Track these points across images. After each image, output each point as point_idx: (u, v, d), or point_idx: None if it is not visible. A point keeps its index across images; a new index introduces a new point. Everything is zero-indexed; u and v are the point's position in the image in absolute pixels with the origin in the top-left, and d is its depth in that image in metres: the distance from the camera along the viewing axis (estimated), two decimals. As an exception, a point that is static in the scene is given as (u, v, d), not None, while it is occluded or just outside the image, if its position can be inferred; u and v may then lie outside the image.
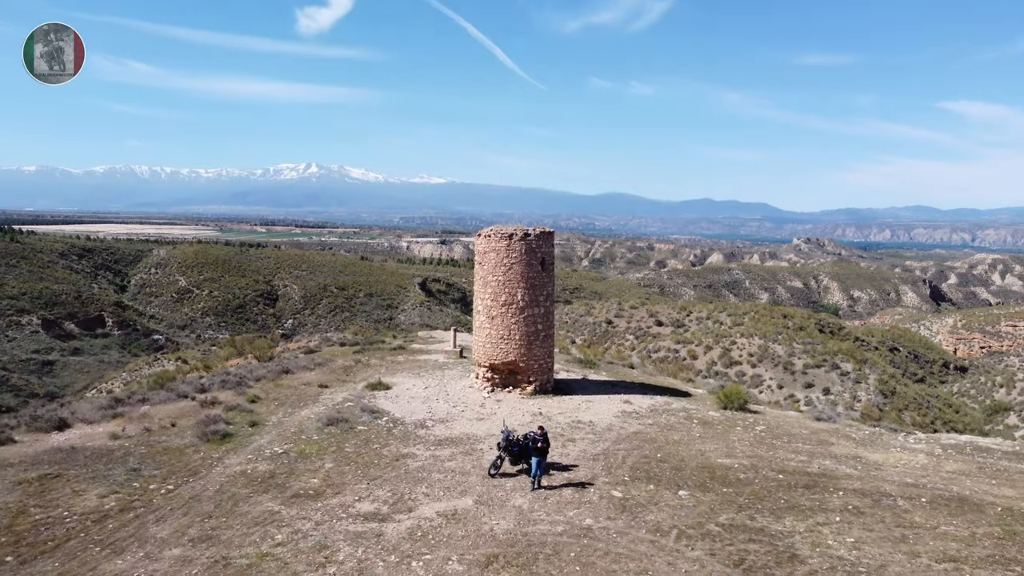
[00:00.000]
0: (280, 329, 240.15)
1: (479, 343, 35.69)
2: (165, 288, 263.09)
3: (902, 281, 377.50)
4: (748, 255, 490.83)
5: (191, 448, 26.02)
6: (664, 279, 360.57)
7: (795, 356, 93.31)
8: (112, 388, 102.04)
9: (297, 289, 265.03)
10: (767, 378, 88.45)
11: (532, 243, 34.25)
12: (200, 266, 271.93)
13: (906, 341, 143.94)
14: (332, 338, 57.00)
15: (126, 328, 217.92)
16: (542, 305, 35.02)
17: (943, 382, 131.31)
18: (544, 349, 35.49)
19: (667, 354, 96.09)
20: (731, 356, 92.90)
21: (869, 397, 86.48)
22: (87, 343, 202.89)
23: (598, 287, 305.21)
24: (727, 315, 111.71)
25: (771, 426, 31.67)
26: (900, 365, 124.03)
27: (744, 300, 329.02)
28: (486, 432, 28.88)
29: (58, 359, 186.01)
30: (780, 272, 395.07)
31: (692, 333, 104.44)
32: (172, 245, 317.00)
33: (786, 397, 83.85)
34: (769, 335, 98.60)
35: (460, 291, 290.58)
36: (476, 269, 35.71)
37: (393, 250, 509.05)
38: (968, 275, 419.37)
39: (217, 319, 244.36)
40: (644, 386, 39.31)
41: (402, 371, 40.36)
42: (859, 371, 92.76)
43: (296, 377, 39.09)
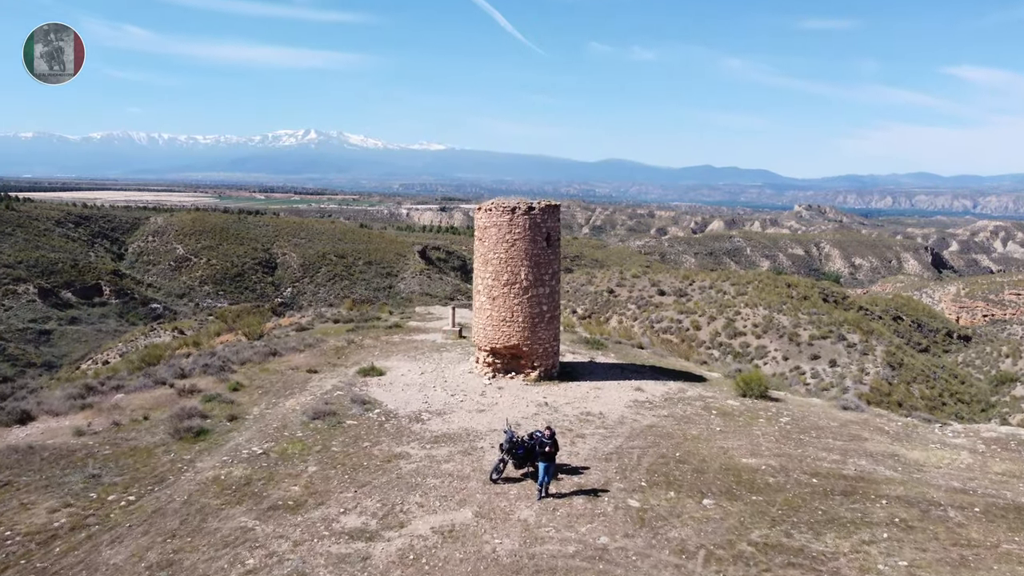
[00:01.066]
0: (279, 297, 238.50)
1: (479, 325, 33.16)
2: (163, 256, 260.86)
3: (904, 248, 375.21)
4: (749, 222, 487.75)
5: (161, 448, 23.54)
6: (665, 246, 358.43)
7: (800, 327, 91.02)
8: (108, 359, 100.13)
9: (296, 257, 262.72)
10: (772, 349, 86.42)
11: (536, 217, 31.63)
12: (198, 234, 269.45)
13: (909, 310, 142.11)
14: (326, 314, 54.48)
15: (124, 297, 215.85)
16: (547, 284, 32.45)
17: (946, 351, 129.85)
18: (549, 332, 32.95)
19: (670, 324, 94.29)
20: (735, 327, 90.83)
21: (877, 370, 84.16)
22: (84, 312, 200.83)
23: (599, 255, 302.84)
24: (730, 284, 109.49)
25: (796, 417, 29.20)
26: (904, 335, 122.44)
27: (745, 267, 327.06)
28: (487, 426, 26.40)
29: (55, 328, 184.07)
30: (781, 239, 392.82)
31: (695, 303, 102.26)
32: (170, 213, 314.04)
33: (791, 369, 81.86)
34: (774, 305, 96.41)
35: (460, 259, 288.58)
36: (476, 246, 33.12)
37: (393, 217, 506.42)
38: (970, 242, 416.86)
39: (215, 287, 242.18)
40: (656, 370, 36.81)
41: (397, 353, 37.83)
42: (866, 343, 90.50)
43: (284, 360, 36.60)
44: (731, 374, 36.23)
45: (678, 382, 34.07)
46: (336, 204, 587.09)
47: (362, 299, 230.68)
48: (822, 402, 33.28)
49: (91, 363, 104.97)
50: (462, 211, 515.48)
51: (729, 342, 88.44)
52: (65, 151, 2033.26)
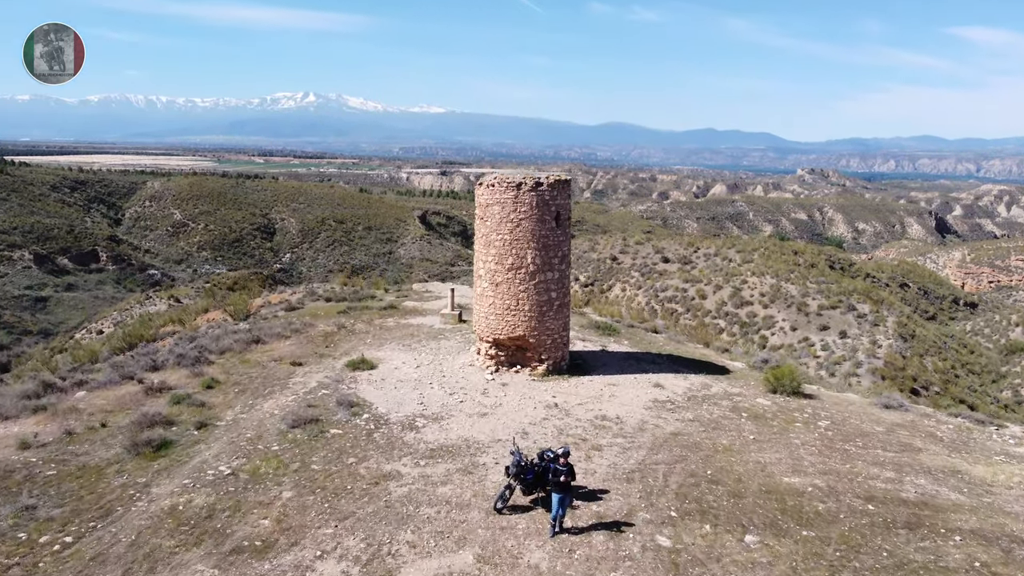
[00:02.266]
0: (278, 264, 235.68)
1: (481, 314, 29.91)
2: (160, 222, 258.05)
3: (907, 213, 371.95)
4: (751, 186, 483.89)
5: (114, 467, 20.38)
6: (667, 211, 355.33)
7: (809, 296, 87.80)
8: (102, 328, 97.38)
9: (295, 223, 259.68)
10: (779, 319, 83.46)
11: (544, 194, 28.29)
12: (195, 199, 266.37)
13: (916, 277, 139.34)
14: (317, 291, 51.17)
15: (121, 263, 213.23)
16: (556, 269, 29.18)
17: (952, 318, 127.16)
18: (559, 321, 29.71)
19: (675, 293, 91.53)
20: (742, 296, 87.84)
21: (890, 342, 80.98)
22: (81, 279, 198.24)
23: (600, 220, 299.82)
24: (736, 251, 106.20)
25: (836, 420, 26.05)
26: (911, 302, 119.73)
27: (748, 232, 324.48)
28: (490, 435, 23.24)
29: (52, 295, 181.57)
30: (784, 204, 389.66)
31: (700, 271, 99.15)
32: (167, 177, 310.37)
33: (800, 340, 79.08)
34: (781, 274, 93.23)
35: (460, 224, 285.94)
36: (477, 225, 29.80)
37: (393, 181, 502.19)
38: (974, 207, 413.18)
39: (214, 253, 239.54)
40: (674, 360, 33.60)
41: (391, 341, 34.56)
42: (877, 313, 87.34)
43: (267, 349, 33.40)
44: (757, 365, 33.07)
45: (700, 375, 30.88)
46: (335, 168, 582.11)
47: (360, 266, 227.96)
48: (859, 398, 30.09)
49: (85, 332, 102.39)
50: (462, 175, 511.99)
51: (736, 312, 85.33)
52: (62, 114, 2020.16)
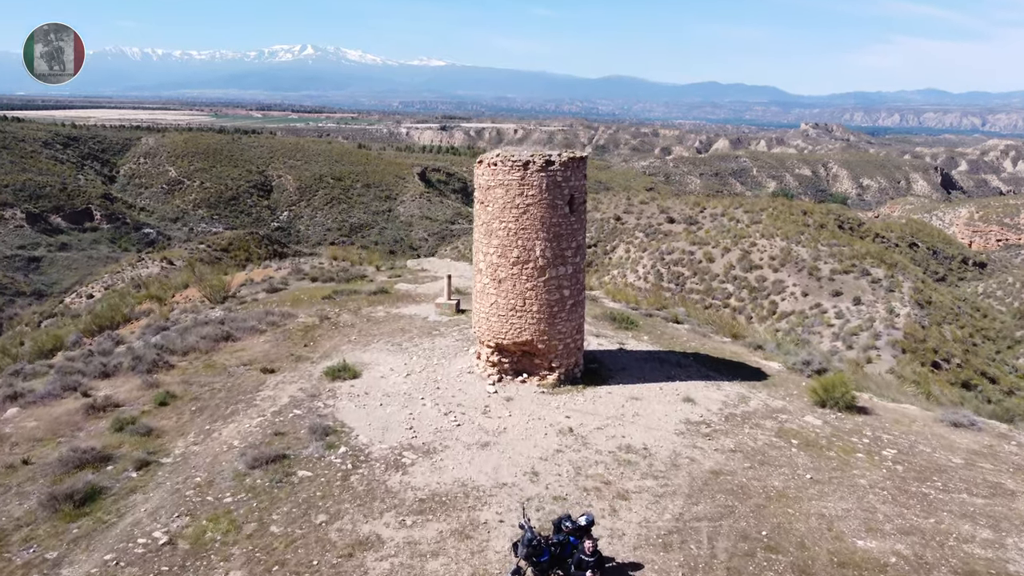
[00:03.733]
0: (275, 222, 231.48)
1: (481, 314, 25.65)
2: (155, 179, 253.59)
3: (913, 168, 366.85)
4: (755, 141, 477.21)
5: (23, 531, 16.22)
6: (670, 167, 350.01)
7: (821, 260, 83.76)
8: (92, 292, 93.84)
9: (292, 180, 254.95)
10: (790, 284, 79.68)
11: (556, 175, 23.94)
12: (190, 155, 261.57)
13: (924, 236, 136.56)
14: (304, 267, 46.97)
15: (115, 221, 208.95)
16: (570, 262, 24.90)
17: (962, 279, 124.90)
18: (572, 323, 25.46)
19: (681, 256, 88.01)
20: (751, 259, 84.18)
21: (907, 310, 76.96)
22: (75, 238, 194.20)
23: (602, 176, 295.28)
24: (743, 211, 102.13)
25: (901, 448, 21.89)
26: (921, 263, 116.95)
27: (752, 189, 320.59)
28: (492, 476, 19.06)
29: (45, 255, 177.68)
30: (788, 159, 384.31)
31: (706, 231, 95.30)
32: (161, 133, 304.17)
33: (812, 307, 75.36)
34: (791, 236, 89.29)
35: (460, 181, 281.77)
36: (476, 210, 25.44)
37: (392, 137, 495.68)
38: (979, 162, 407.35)
39: (210, 211, 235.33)
40: (702, 360, 29.30)
41: (379, 338, 30.23)
42: (891, 278, 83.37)
43: (238, 348, 29.22)
44: (797, 367, 28.83)
45: (734, 383, 26.69)
46: (334, 123, 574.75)
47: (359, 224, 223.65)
48: (919, 411, 25.86)
49: (75, 296, 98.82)
50: (462, 130, 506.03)
51: (744, 276, 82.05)
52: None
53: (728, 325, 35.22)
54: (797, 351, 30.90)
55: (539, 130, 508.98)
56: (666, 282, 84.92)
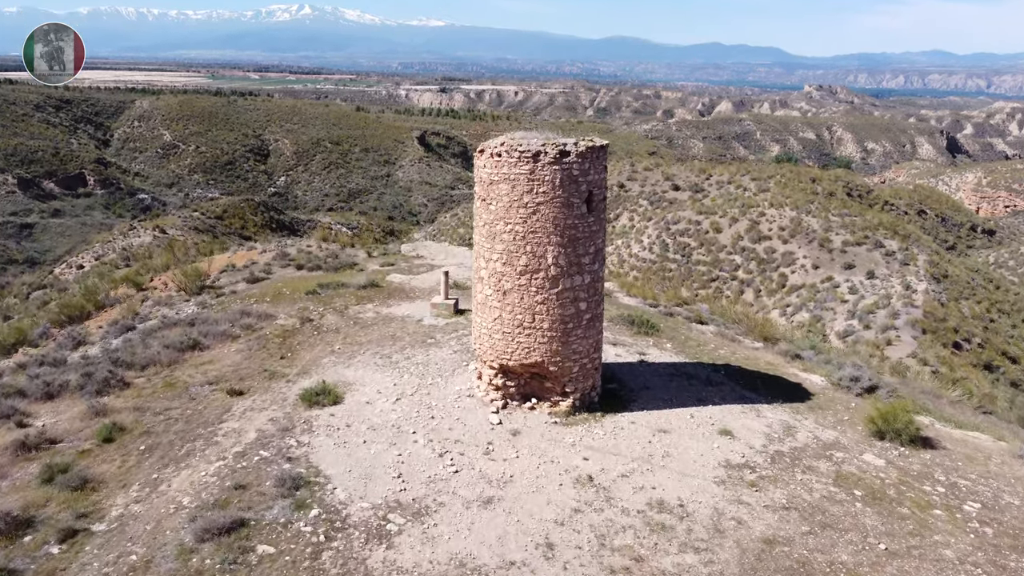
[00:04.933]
0: (272, 187, 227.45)
1: (484, 329, 21.92)
2: (150, 143, 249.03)
3: (918, 132, 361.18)
4: (758, 104, 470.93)
5: None
6: (672, 131, 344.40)
7: (832, 231, 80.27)
8: (82, 262, 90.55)
9: (289, 144, 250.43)
10: (800, 257, 76.31)
11: (572, 168, 20.15)
12: (185, 119, 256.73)
13: (933, 203, 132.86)
14: (290, 252, 43.21)
15: (109, 187, 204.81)
16: (587, 271, 21.17)
17: (970, 247, 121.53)
18: (589, 340, 21.75)
19: (687, 226, 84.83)
20: (759, 230, 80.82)
21: (924, 286, 73.38)
22: (68, 204, 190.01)
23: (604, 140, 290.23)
24: (750, 179, 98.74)
25: (984, 499, 18.28)
26: (930, 231, 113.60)
27: (755, 152, 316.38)
28: (497, 552, 15.41)
29: (37, 222, 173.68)
30: (792, 122, 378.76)
31: (712, 199, 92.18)
32: (156, 96, 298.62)
33: (823, 280, 71.99)
34: (800, 205, 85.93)
35: (460, 145, 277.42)
36: (477, 208, 21.61)
37: (391, 99, 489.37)
38: (985, 125, 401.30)
39: (205, 176, 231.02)
40: (733, 374, 25.59)
41: (366, 349, 26.47)
42: (906, 251, 79.88)
43: (205, 360, 25.54)
44: (844, 384, 25.17)
45: (775, 407, 23.06)
46: (332, 85, 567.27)
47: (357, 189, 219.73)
48: (991, 442, 22.23)
49: (65, 267, 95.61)
50: (462, 92, 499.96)
51: (753, 247, 78.79)
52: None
53: (758, 326, 31.53)
54: (842, 361, 27.21)
55: (540, 92, 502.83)
56: (671, 253, 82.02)
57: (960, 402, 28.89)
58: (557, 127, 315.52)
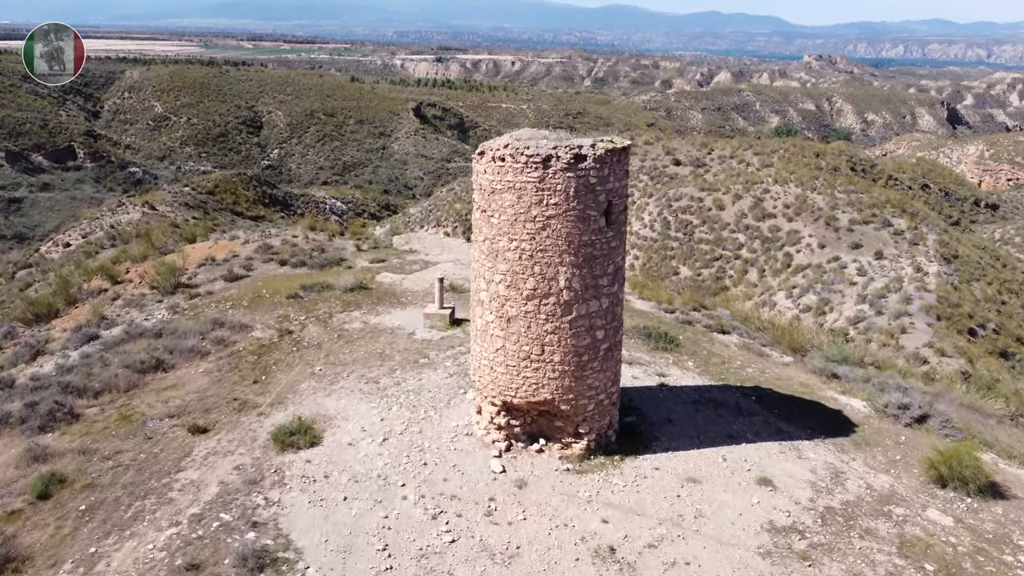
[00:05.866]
0: (266, 160, 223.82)
1: (484, 361, 18.85)
2: (140, 115, 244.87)
3: (918, 103, 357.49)
4: (757, 74, 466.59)
5: None
6: (671, 101, 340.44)
7: (838, 209, 77.85)
8: (69, 240, 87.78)
9: (282, 116, 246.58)
10: (806, 235, 73.95)
11: (589, 175, 17.03)
12: (177, 90, 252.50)
13: (936, 176, 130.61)
14: (274, 243, 40.08)
15: (99, 160, 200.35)
16: (605, 293, 18.12)
17: (974, 221, 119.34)
18: (607, 374, 18.74)
19: (690, 203, 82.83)
20: (763, 208, 78.95)
21: (935, 267, 70.59)
22: (57, 177, 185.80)
23: (602, 111, 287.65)
24: (753, 153, 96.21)
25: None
26: (935, 206, 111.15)
27: (755, 124, 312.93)
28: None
29: (26, 196, 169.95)
30: (791, 93, 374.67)
31: (714, 175, 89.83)
32: (146, 66, 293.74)
33: (830, 260, 69.47)
34: (806, 182, 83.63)
35: (456, 116, 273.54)
36: (476, 220, 18.42)
37: (386, 69, 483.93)
38: (985, 95, 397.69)
39: (197, 149, 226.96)
40: (765, 399, 22.61)
41: (351, 369, 23.34)
42: (915, 229, 77.27)
43: (168, 385, 22.49)
44: (890, 410, 22.19)
45: (816, 443, 20.09)
46: (327, 55, 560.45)
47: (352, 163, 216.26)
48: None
49: (51, 244, 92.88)
50: (459, 62, 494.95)
51: (757, 225, 76.94)
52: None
53: (785, 335, 28.54)
54: (883, 382, 24.19)
55: (537, 62, 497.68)
56: (673, 231, 79.74)
57: (1004, 420, 26.06)
58: (555, 98, 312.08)
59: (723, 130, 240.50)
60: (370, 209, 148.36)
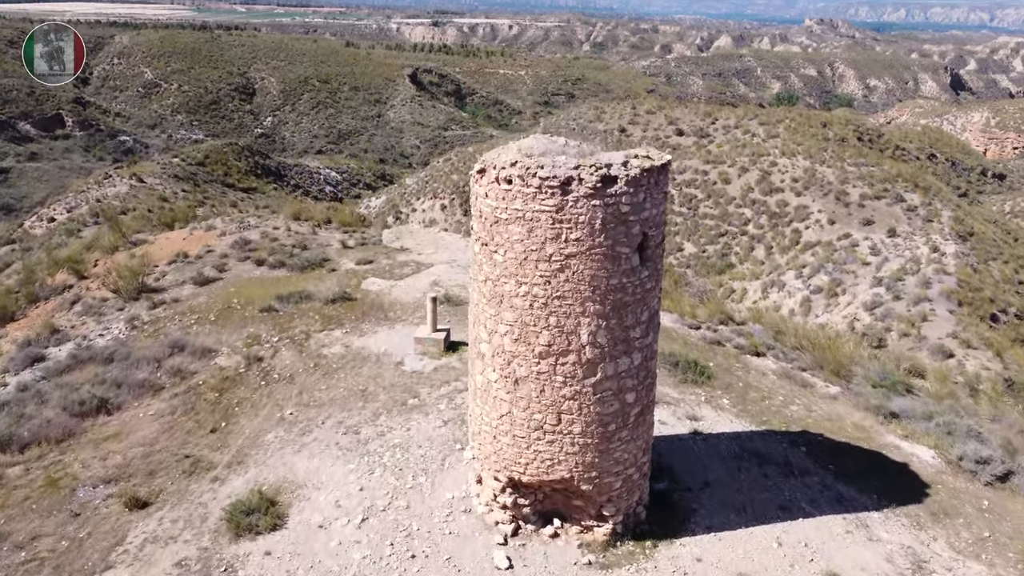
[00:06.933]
0: (259, 128, 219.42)
1: (485, 426, 15.18)
2: (130, 81, 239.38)
3: (921, 68, 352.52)
4: (757, 38, 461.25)
5: None
6: (671, 67, 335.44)
7: (848, 183, 74.97)
8: (54, 215, 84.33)
9: (275, 82, 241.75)
10: (815, 211, 71.09)
11: (621, 202, 13.29)
12: (167, 56, 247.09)
13: (943, 146, 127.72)
14: (253, 238, 36.42)
15: (88, 128, 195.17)
16: (637, 347, 14.46)
17: (981, 192, 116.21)
18: (638, 443, 15.08)
19: (694, 177, 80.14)
20: (770, 181, 76.43)
21: (953, 247, 67.30)
22: (46, 146, 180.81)
23: (602, 77, 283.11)
24: (758, 123, 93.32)
25: None
26: (943, 176, 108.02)
27: (756, 90, 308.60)
28: None
29: (13, 166, 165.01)
30: (793, 59, 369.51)
31: (718, 146, 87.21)
32: (136, 31, 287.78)
33: (840, 237, 66.51)
34: (814, 154, 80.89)
35: (454, 83, 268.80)
36: (476, 254, 14.57)
37: (382, 33, 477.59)
38: (988, 60, 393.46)
39: (189, 116, 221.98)
40: (815, 450, 19.08)
41: (328, 413, 19.60)
42: (928, 205, 74.23)
43: (110, 434, 18.85)
44: (967, 465, 18.66)
45: (886, 514, 16.55)
46: (321, 18, 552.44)
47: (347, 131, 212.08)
48: None
49: (36, 219, 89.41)
50: (455, 26, 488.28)
51: (764, 199, 74.45)
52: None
53: (827, 355, 24.94)
54: (953, 425, 20.56)
55: (534, 26, 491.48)
56: (678, 206, 76.73)
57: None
58: (553, 64, 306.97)
59: (724, 96, 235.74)
60: (365, 179, 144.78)
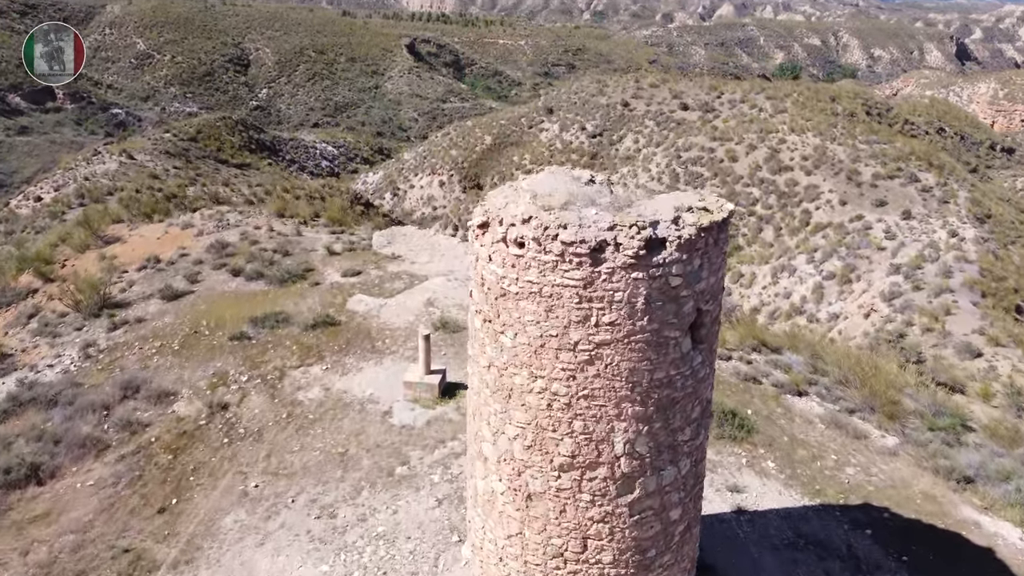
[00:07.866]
0: (254, 100, 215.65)
1: (489, 544, 11.78)
2: (122, 52, 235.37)
3: (926, 37, 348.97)
4: (760, 7, 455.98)
5: None
6: (673, 36, 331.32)
7: (860, 162, 72.09)
8: (40, 194, 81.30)
9: (270, 53, 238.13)
10: (825, 191, 67.97)
11: (670, 273, 9.84)
12: (160, 26, 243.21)
13: (951, 119, 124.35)
14: (231, 240, 33.01)
15: (80, 101, 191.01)
16: (684, 452, 11.02)
17: (989, 167, 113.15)
18: (682, 564, 11.77)
19: (700, 154, 77.43)
20: (779, 160, 73.34)
21: (972, 232, 64.23)
22: (36, 120, 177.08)
23: (603, 47, 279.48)
24: (765, 97, 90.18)
25: None
26: (952, 152, 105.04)
27: (759, 60, 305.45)
28: None
29: (3, 140, 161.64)
30: (796, 28, 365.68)
31: (724, 121, 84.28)
32: (127, 0, 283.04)
33: (852, 219, 63.36)
34: (824, 130, 78.05)
35: (452, 53, 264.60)
36: (476, 330, 11.16)
37: (379, 2, 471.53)
38: (994, 30, 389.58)
39: (183, 88, 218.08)
40: (883, 533, 15.91)
41: (300, 487, 16.12)
42: (944, 185, 71.35)
43: (35, 516, 15.49)
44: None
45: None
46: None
47: (344, 103, 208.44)
48: None
49: (23, 198, 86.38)
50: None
51: (772, 178, 71.64)
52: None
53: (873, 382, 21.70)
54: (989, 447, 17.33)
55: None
56: (683, 184, 74.05)
57: None
58: (554, 33, 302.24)
59: (727, 67, 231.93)
60: (363, 154, 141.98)
